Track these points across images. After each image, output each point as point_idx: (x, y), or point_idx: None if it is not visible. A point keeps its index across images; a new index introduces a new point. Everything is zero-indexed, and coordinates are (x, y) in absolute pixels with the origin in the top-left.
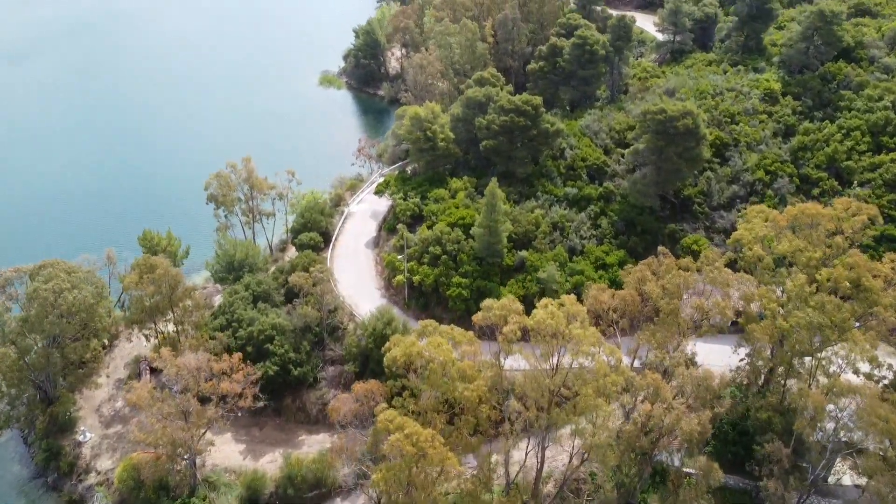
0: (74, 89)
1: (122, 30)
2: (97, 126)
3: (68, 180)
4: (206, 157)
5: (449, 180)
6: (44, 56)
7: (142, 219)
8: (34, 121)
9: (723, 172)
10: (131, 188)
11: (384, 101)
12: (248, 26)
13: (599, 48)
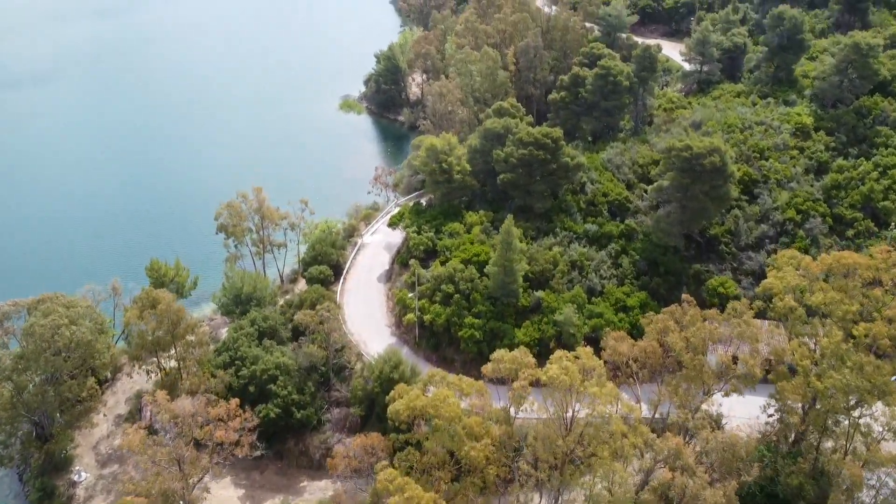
0: (91, 113)
1: (144, 52)
2: (111, 151)
3: (78, 206)
4: (221, 183)
5: (464, 214)
6: (65, 79)
7: (151, 247)
8: (47, 145)
9: (751, 211)
10: (142, 215)
11: (404, 126)
12: (270, 50)
13: (623, 79)
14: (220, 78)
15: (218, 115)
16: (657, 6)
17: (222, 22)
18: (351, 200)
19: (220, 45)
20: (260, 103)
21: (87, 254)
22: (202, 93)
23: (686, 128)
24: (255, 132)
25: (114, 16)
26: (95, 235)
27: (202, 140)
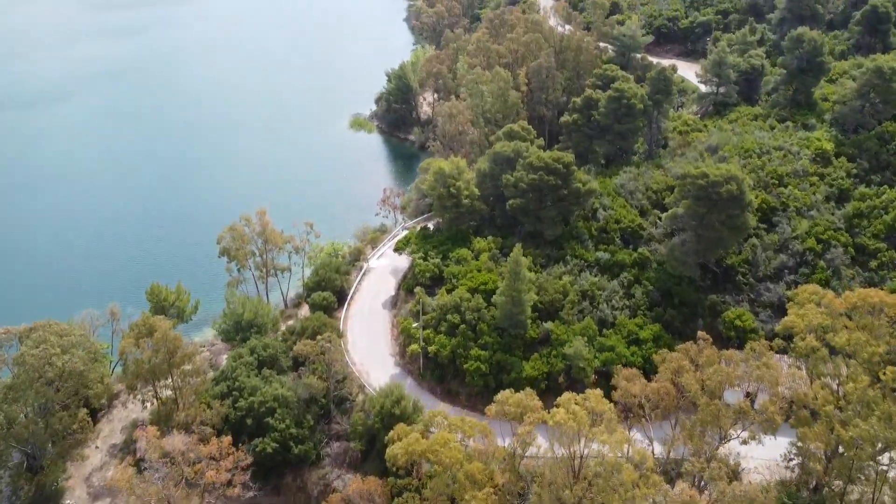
0: (101, 133)
1: (158, 71)
2: (118, 171)
3: (81, 227)
4: (228, 203)
5: (473, 239)
6: (77, 98)
7: (154, 269)
8: (54, 165)
9: (769, 240)
10: (146, 236)
11: (414, 145)
12: (284, 67)
13: (637, 102)
14: (232, 96)
15: (228, 134)
16: (672, 26)
17: (237, 40)
18: (359, 222)
19: (234, 62)
20: (271, 122)
21: (88, 276)
22: (213, 111)
23: (702, 152)
24: (264, 151)
25: (130, 35)
26: (97, 257)
27: (210, 160)
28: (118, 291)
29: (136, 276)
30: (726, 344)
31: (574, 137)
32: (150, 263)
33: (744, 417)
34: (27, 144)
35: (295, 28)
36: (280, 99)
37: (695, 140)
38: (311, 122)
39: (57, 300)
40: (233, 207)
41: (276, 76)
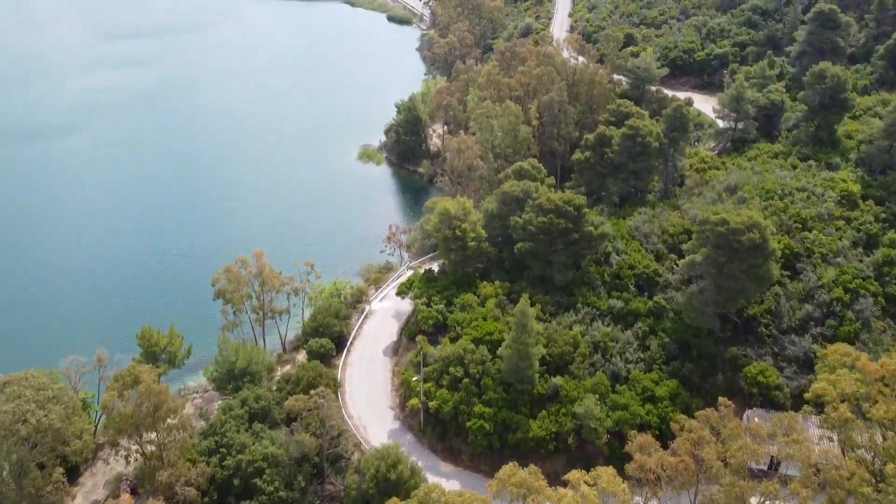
0: (103, 165)
1: (167, 101)
2: (116, 207)
3: (73, 266)
4: (230, 238)
5: (479, 284)
6: (83, 131)
7: (149, 310)
8: (51, 200)
9: (794, 288)
10: (141, 276)
11: (423, 178)
12: (294, 97)
13: (653, 140)
14: (240, 127)
15: (233, 166)
16: (688, 58)
17: (249, 70)
18: (364, 258)
19: (244, 93)
20: (279, 153)
21: (78, 318)
22: (219, 143)
23: (720, 192)
24: (270, 184)
25: (141, 65)
26: (88, 299)
27: (214, 193)
28: (109, 335)
29: (130, 318)
30: (748, 401)
31: (586, 175)
32: (144, 304)
33: (772, 498)
34: (23, 180)
35: (307, 57)
36: (290, 130)
37: (712, 178)
38: (320, 153)
39: (44, 344)
40: (234, 243)
41: (287, 106)
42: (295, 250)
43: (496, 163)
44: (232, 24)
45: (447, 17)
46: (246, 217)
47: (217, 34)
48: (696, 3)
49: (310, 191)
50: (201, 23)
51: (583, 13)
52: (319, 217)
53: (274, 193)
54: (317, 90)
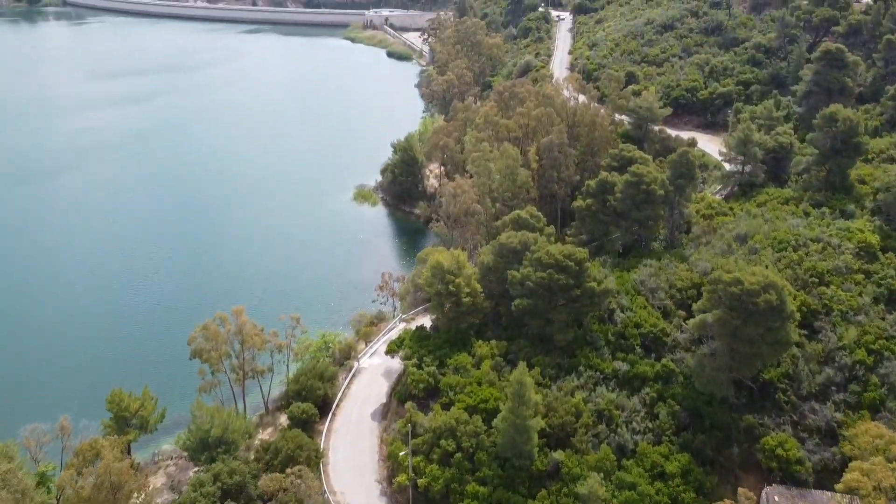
0: (85, 211)
1: (158, 142)
2: (93, 254)
3: (40, 321)
4: (216, 287)
5: (474, 343)
6: (70, 172)
7: (123, 368)
8: (24, 248)
9: (812, 350)
10: (115, 331)
11: (420, 220)
12: (290, 136)
13: (658, 187)
14: (233, 168)
15: (224, 210)
16: (691, 97)
17: (244, 109)
18: (357, 306)
19: (239, 132)
20: (271, 196)
21: (43, 380)
22: (210, 186)
23: (730, 242)
24: (261, 229)
25: (134, 104)
26: (55, 358)
27: (202, 239)
28: (78, 397)
29: (101, 378)
30: (767, 476)
31: (588, 224)
32: (118, 362)
33: None
34: (6, 225)
35: (306, 94)
36: (285, 169)
37: (720, 225)
38: (314, 194)
39: (2, 410)
40: (220, 293)
41: (283, 144)
42: (284, 299)
43: (494, 207)
44: (231, 61)
45: (446, 54)
46: (234, 264)
47: (215, 72)
48: (697, 41)
49: (302, 235)
50: (199, 61)
51: (583, 51)
52: (311, 263)
53: (265, 238)
54: (314, 128)
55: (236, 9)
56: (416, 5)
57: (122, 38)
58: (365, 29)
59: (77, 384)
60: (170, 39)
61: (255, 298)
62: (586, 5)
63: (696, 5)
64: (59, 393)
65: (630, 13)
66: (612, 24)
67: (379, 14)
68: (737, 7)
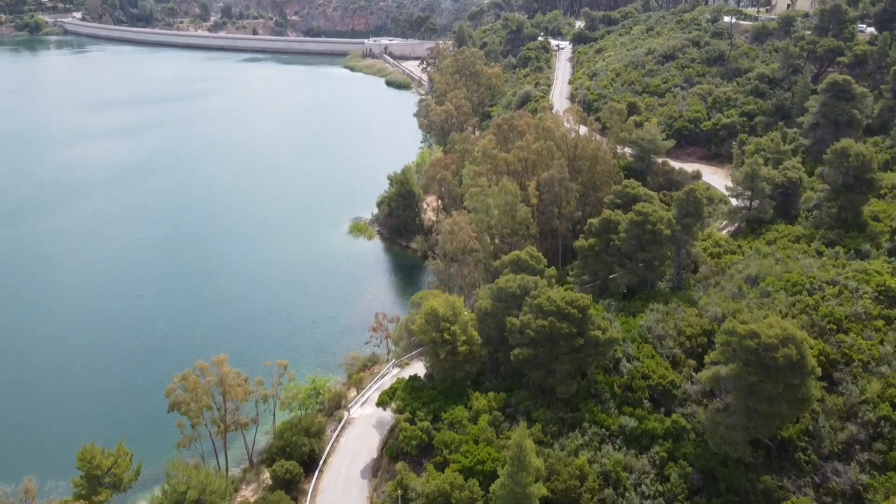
0: (68, 249)
1: (150, 176)
2: (74, 294)
3: (8, 371)
4: (204, 331)
5: (471, 394)
6: (53, 210)
7: (96, 421)
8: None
9: (833, 403)
10: (92, 381)
11: (417, 254)
12: (286, 168)
13: (664, 227)
14: (226, 201)
15: (216, 247)
16: (694, 128)
17: (241, 140)
18: (350, 346)
19: (234, 163)
20: (265, 230)
21: (9, 435)
22: (201, 221)
23: (740, 285)
24: (253, 265)
25: (126, 136)
26: (23, 411)
27: (190, 280)
28: (46, 454)
29: (72, 433)
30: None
31: (590, 264)
32: (91, 415)
33: None
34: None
35: (303, 124)
36: (280, 202)
37: (729, 263)
38: (309, 227)
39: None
40: (208, 337)
41: (279, 176)
42: (274, 340)
43: (493, 244)
44: (228, 90)
45: (444, 83)
46: (222, 304)
47: (211, 102)
48: (699, 71)
49: (295, 271)
50: (196, 90)
51: (583, 80)
52: (304, 301)
53: (256, 275)
54: (310, 159)
55: (237, 37)
56: (415, 34)
57: (121, 66)
58: (364, 58)
59: (45, 440)
60: (168, 69)
61: (245, 339)
62: (586, 35)
63: (697, 35)
64: (24, 450)
65: (630, 43)
66: (613, 54)
67: (378, 43)
68: (738, 37)
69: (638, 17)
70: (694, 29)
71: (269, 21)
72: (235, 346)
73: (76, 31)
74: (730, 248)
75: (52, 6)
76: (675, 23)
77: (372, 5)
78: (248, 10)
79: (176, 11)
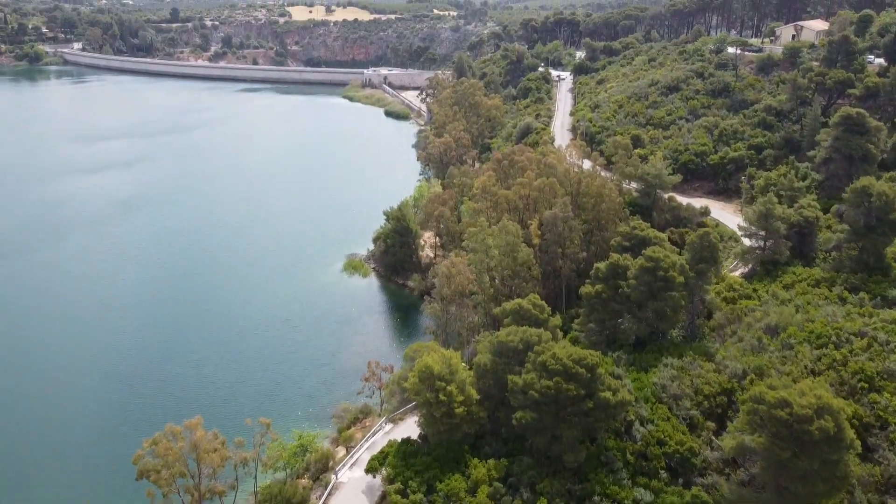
0: (43, 294)
1: (138, 213)
2: (45, 346)
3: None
4: (185, 385)
5: (469, 461)
6: (35, 251)
7: (59, 494)
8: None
9: (868, 473)
10: (46, 449)
11: (414, 293)
12: (281, 201)
13: (676, 274)
14: (216, 239)
15: (201, 290)
16: (700, 162)
17: (235, 173)
18: (341, 396)
19: (227, 199)
20: (256, 270)
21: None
22: (187, 262)
23: (759, 336)
24: (240, 308)
25: (117, 169)
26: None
27: (174, 324)
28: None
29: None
30: None
31: (597, 312)
32: (51, 484)
33: None
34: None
35: (299, 155)
36: (272, 239)
37: (745, 310)
38: (301, 264)
39: None
40: (190, 384)
41: (272, 210)
42: (261, 390)
43: (492, 286)
44: (225, 122)
45: (443, 115)
46: (207, 351)
47: (206, 134)
48: (704, 102)
49: (286, 313)
50: (192, 122)
51: (585, 112)
52: (294, 346)
53: (244, 318)
54: (305, 192)
55: (235, 67)
56: (415, 64)
57: (117, 97)
58: (363, 88)
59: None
60: (165, 99)
61: (228, 389)
62: (587, 65)
63: (701, 66)
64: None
65: (633, 74)
66: (615, 85)
67: (378, 73)
68: (743, 68)
69: (639, 48)
70: (697, 60)
71: (270, 51)
72: (218, 397)
73: (76, 61)
74: (745, 293)
75: (53, 37)
76: (678, 54)
77: (372, 35)
78: (249, 39)
79: (176, 41)
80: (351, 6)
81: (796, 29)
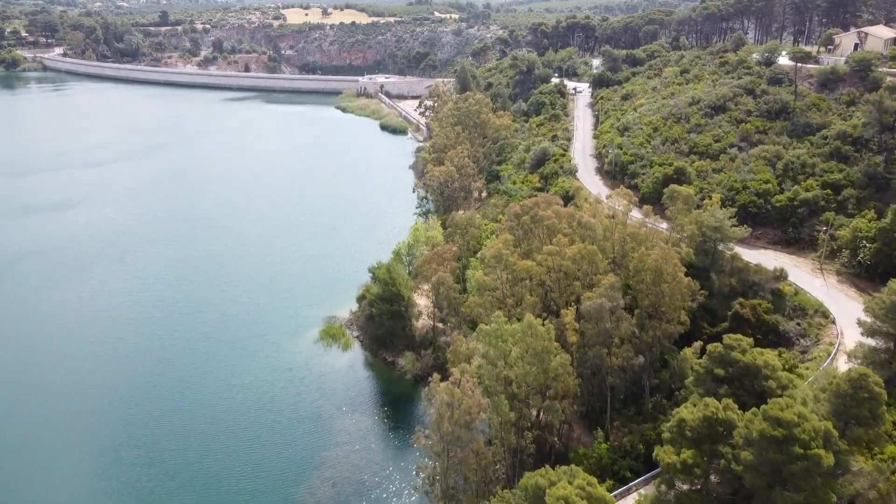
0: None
1: (103, 265)
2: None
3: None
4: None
5: None
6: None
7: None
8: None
9: None
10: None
11: (406, 375)
12: (252, 248)
13: (819, 446)
14: (172, 298)
15: (141, 386)
16: (764, 203)
17: (200, 212)
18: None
19: (186, 246)
20: (203, 345)
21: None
22: (132, 334)
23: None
24: (190, 410)
25: (56, 210)
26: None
27: (116, 420)
28: None
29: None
30: None
31: (687, 499)
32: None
33: None
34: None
35: (273, 186)
36: (232, 302)
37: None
38: (268, 335)
39: None
40: None
41: (240, 261)
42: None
43: (512, 411)
44: (200, 140)
45: (444, 137)
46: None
47: (173, 157)
48: (759, 126)
49: (241, 411)
50: (162, 142)
51: (612, 135)
52: (246, 468)
53: (181, 427)
54: (280, 233)
55: (222, 74)
56: (415, 70)
57: (86, 109)
58: (358, 97)
59: None
60: (141, 111)
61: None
62: (608, 77)
63: (750, 81)
64: None
65: (664, 88)
66: (645, 102)
67: (374, 81)
68: (801, 83)
69: (668, 57)
70: (745, 73)
71: (263, 56)
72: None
73: (55, 67)
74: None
75: (34, 41)
76: (718, 65)
77: (370, 39)
78: (241, 43)
79: (165, 46)
80: (348, 9)
81: (860, 37)
